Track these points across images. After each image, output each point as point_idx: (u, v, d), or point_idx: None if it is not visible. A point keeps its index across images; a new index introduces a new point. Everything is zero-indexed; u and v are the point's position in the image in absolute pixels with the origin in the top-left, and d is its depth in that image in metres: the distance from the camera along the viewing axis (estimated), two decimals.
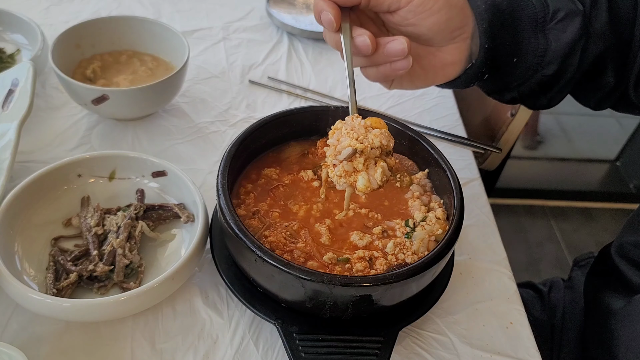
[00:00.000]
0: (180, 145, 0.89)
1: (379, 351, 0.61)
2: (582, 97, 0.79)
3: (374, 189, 0.64)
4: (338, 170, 0.64)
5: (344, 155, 0.63)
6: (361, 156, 0.63)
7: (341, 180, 0.64)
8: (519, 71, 0.71)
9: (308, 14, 1.20)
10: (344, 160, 0.63)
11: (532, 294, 0.93)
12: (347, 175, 0.64)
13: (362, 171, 0.64)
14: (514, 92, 0.75)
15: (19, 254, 0.66)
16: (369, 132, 0.64)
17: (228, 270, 0.67)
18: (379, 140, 0.63)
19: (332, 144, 0.64)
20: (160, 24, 0.96)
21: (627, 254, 0.77)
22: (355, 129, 0.64)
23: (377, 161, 0.64)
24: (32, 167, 0.80)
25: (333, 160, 0.64)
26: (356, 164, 0.63)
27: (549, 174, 2.35)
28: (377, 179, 0.64)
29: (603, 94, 0.75)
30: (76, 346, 0.63)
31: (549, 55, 0.69)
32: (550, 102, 0.77)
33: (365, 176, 0.63)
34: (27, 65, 0.80)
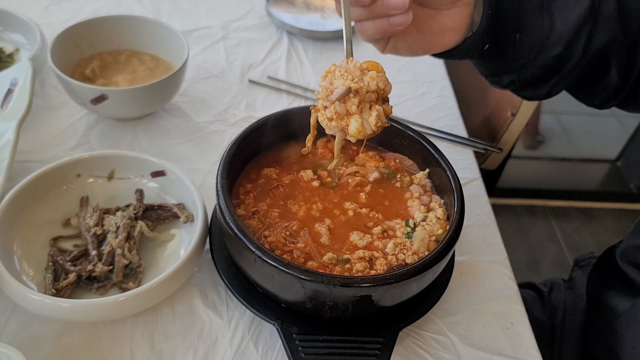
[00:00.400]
0: (180, 145, 0.89)
1: (379, 352, 0.61)
2: (585, 98, 0.78)
3: (368, 134, 0.59)
4: (329, 112, 0.59)
5: (337, 94, 0.57)
6: (356, 97, 0.58)
7: (332, 124, 0.59)
8: (522, 50, 0.68)
9: (308, 13, 1.20)
10: (337, 101, 0.58)
11: (532, 295, 0.92)
12: (339, 118, 0.59)
13: (355, 114, 0.58)
14: (514, 75, 0.72)
15: (17, 254, 0.66)
16: (365, 75, 0.59)
17: (227, 271, 0.66)
18: (375, 84, 0.59)
19: (324, 86, 0.60)
20: (160, 24, 0.96)
21: (633, 259, 0.76)
22: (350, 71, 0.59)
23: (372, 105, 0.59)
24: (31, 167, 0.80)
25: (324, 102, 0.59)
26: (349, 106, 0.58)
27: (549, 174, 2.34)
28: (372, 124, 0.59)
29: (607, 94, 0.74)
30: (75, 346, 0.62)
31: (554, 36, 0.66)
32: (551, 91, 0.74)
33: (359, 119, 0.58)
34: (26, 65, 0.79)
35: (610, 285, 0.79)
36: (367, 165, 0.75)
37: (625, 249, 0.79)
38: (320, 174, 0.73)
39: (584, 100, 0.78)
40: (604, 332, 0.76)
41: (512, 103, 1.06)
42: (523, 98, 0.81)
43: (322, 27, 1.16)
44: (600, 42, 0.67)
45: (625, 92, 0.73)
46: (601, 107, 0.78)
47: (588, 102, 0.78)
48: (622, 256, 0.79)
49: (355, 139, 0.59)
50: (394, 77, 1.09)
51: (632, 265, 0.76)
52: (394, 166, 0.75)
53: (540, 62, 0.68)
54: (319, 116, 0.60)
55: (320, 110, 0.60)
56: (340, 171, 0.74)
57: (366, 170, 0.74)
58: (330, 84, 0.59)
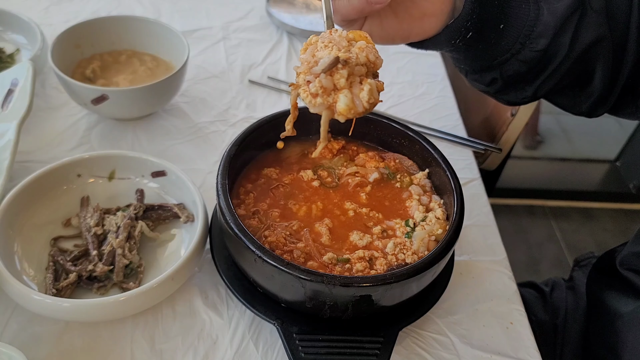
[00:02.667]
0: (180, 145, 0.89)
1: (379, 351, 0.61)
2: (572, 106, 0.74)
3: (359, 112, 0.52)
4: (313, 86, 0.50)
5: (324, 64, 0.49)
6: (344, 68, 0.50)
7: (317, 100, 0.51)
8: (505, 42, 0.64)
9: (308, 13, 1.20)
10: (323, 73, 0.50)
11: (533, 294, 0.92)
12: (325, 94, 0.51)
13: (344, 89, 0.50)
14: (496, 72, 0.68)
15: (18, 254, 0.66)
16: (353, 46, 0.52)
17: (228, 271, 0.66)
18: (364, 55, 0.51)
19: (305, 59, 0.52)
20: (160, 24, 0.96)
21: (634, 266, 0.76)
22: (335, 42, 0.51)
23: (363, 80, 0.51)
24: (31, 167, 0.80)
25: (307, 76, 0.51)
26: (337, 79, 0.50)
27: (549, 174, 2.34)
28: (363, 99, 0.51)
29: (594, 100, 0.71)
30: (76, 346, 0.63)
31: (539, 27, 0.63)
32: (536, 93, 0.70)
33: (349, 94, 0.50)
34: (26, 65, 0.79)
35: (611, 287, 0.79)
36: (367, 165, 0.75)
37: (626, 256, 0.78)
38: (320, 174, 0.73)
39: (570, 108, 0.75)
40: (605, 332, 0.76)
41: None
42: (505, 103, 0.76)
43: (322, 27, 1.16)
44: (587, 39, 0.64)
45: (613, 99, 0.71)
46: (590, 115, 0.75)
47: (575, 110, 0.75)
48: (622, 263, 0.78)
49: (344, 117, 0.52)
50: (393, 77, 1.10)
51: (632, 272, 0.76)
52: (393, 166, 0.76)
53: (524, 56, 0.65)
54: (301, 93, 0.52)
55: (302, 86, 0.52)
56: (340, 171, 0.74)
57: (366, 170, 0.74)
58: (312, 56, 0.52)
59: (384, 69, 0.56)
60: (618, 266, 0.78)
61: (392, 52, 1.12)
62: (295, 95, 0.54)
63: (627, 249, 0.78)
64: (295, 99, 0.55)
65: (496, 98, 0.76)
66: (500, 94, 0.73)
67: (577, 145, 2.45)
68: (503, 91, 0.72)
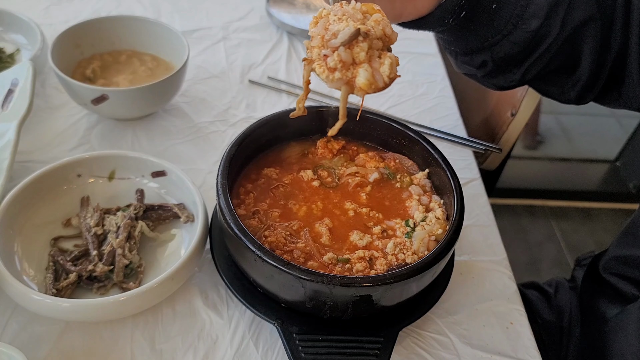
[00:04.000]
0: (180, 145, 0.89)
1: (379, 351, 0.61)
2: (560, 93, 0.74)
3: (379, 88, 0.49)
4: (332, 60, 0.48)
5: (344, 36, 0.46)
6: (365, 41, 0.48)
7: (334, 75, 0.48)
8: (498, 22, 0.64)
9: (308, 13, 1.20)
10: (342, 46, 0.47)
11: (537, 296, 0.91)
12: (344, 68, 0.48)
13: (364, 62, 0.48)
14: (487, 54, 0.67)
15: (18, 254, 0.66)
16: (367, 19, 0.50)
17: (228, 271, 0.66)
18: (381, 29, 0.49)
19: (317, 33, 0.49)
20: (160, 24, 0.96)
21: (616, 271, 0.77)
22: (349, 14, 0.49)
23: (382, 54, 0.49)
24: (31, 167, 0.80)
25: (323, 50, 0.49)
26: (357, 53, 0.48)
27: (549, 174, 2.34)
28: (385, 74, 0.48)
29: (582, 86, 0.70)
30: (76, 346, 0.63)
31: (531, 7, 0.62)
32: (524, 76, 0.70)
33: (369, 69, 0.48)
34: (26, 65, 0.80)
35: (598, 292, 0.79)
36: (367, 165, 0.75)
37: (608, 260, 0.78)
38: (320, 174, 0.73)
39: (559, 96, 0.75)
40: (595, 337, 0.76)
41: (511, 103, 1.06)
42: (493, 87, 0.76)
43: None
44: (576, 19, 0.64)
45: (600, 84, 0.71)
46: (578, 102, 0.74)
47: (563, 97, 0.75)
48: (605, 268, 0.78)
49: (363, 93, 0.49)
50: None
51: (616, 276, 0.76)
52: (393, 166, 0.76)
53: (515, 37, 0.65)
54: (316, 68, 0.49)
55: (317, 61, 0.49)
56: (340, 171, 0.74)
57: (366, 170, 0.74)
58: (325, 30, 0.49)
59: None
60: (601, 271, 0.78)
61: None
62: (309, 70, 0.52)
63: (609, 254, 0.78)
64: (308, 74, 0.52)
65: (483, 83, 0.75)
66: (489, 77, 0.72)
67: (577, 145, 2.46)
68: (492, 74, 0.71)
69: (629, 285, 0.74)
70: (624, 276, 0.75)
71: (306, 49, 0.52)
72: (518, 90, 1.04)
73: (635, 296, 0.72)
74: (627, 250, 0.75)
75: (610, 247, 0.79)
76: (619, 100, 0.72)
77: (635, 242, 0.74)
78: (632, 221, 0.76)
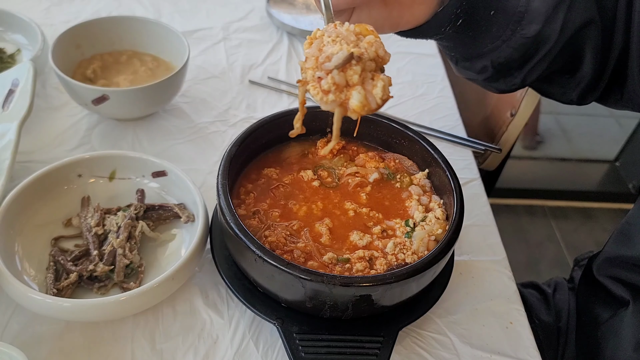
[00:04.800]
0: (180, 145, 0.89)
1: (378, 351, 0.61)
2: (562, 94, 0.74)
3: (372, 109, 0.51)
4: (326, 82, 0.49)
5: (338, 60, 0.48)
6: (358, 64, 0.49)
7: (328, 97, 0.49)
8: (496, 28, 0.64)
9: (308, 14, 1.20)
10: (335, 69, 0.48)
11: (536, 296, 0.91)
12: (338, 91, 0.49)
13: (357, 85, 0.49)
14: (487, 60, 0.67)
15: (19, 254, 0.66)
16: (361, 41, 0.51)
17: (228, 270, 0.67)
18: (374, 50, 0.50)
19: (312, 54, 0.51)
20: (161, 24, 0.96)
21: (609, 273, 0.77)
22: (343, 36, 0.50)
23: (374, 76, 0.51)
24: (32, 167, 0.80)
25: (317, 72, 0.50)
26: (350, 76, 0.49)
27: (548, 174, 2.35)
28: (378, 96, 0.50)
29: (584, 86, 0.70)
30: (76, 346, 0.63)
31: (530, 13, 0.62)
32: (525, 80, 0.70)
33: (362, 91, 0.49)
34: (27, 66, 0.80)
35: (593, 293, 0.79)
36: (367, 165, 0.75)
37: (601, 262, 0.78)
38: (320, 174, 0.73)
39: (560, 96, 0.75)
40: (589, 340, 0.76)
41: (511, 103, 1.07)
42: (494, 90, 0.76)
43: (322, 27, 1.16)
44: (576, 22, 0.64)
45: (602, 85, 0.70)
46: (580, 103, 0.74)
47: (565, 98, 0.74)
48: (598, 270, 0.78)
49: (357, 115, 0.51)
50: (393, 78, 1.09)
51: (609, 278, 0.76)
52: (393, 166, 0.76)
53: (515, 43, 0.64)
54: (311, 90, 0.51)
55: (311, 83, 0.51)
56: (340, 171, 0.74)
57: (366, 170, 0.74)
58: (319, 51, 0.50)
59: None
60: (595, 273, 0.78)
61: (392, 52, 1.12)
62: (303, 92, 0.53)
63: (602, 255, 0.78)
64: (303, 95, 0.54)
65: (485, 86, 0.75)
66: (490, 81, 0.72)
67: (576, 145, 2.46)
68: (493, 78, 0.71)
69: (621, 288, 0.74)
70: (616, 278, 0.75)
71: (300, 69, 0.52)
72: (518, 91, 1.05)
73: (626, 300, 0.72)
74: (619, 251, 0.75)
75: (603, 248, 0.79)
76: (621, 101, 0.72)
77: (628, 243, 0.74)
78: (626, 221, 0.76)
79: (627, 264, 0.74)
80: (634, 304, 0.71)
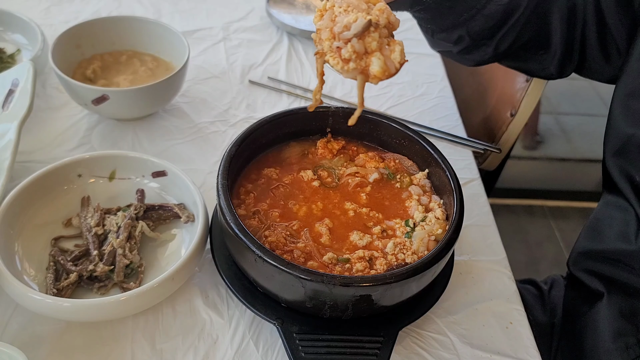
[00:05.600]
0: (180, 145, 0.89)
1: (378, 351, 0.61)
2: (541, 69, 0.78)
3: (391, 74, 0.52)
4: (346, 51, 0.50)
5: (356, 28, 0.49)
6: (376, 31, 0.50)
7: (349, 66, 0.51)
8: None
9: (308, 14, 1.20)
10: (355, 37, 0.49)
11: (533, 292, 0.92)
12: (358, 58, 0.51)
13: (375, 51, 0.51)
14: (463, 30, 0.71)
15: (19, 254, 0.66)
16: (371, 9, 0.52)
17: (228, 270, 0.67)
18: (385, 17, 0.51)
19: (325, 26, 0.51)
20: (161, 24, 0.96)
21: (584, 266, 0.77)
22: (354, 5, 0.51)
23: (390, 41, 0.52)
24: (32, 167, 0.80)
25: (334, 42, 0.51)
26: (369, 43, 0.50)
27: (548, 174, 2.34)
28: (396, 60, 0.51)
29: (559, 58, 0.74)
30: (76, 346, 0.63)
31: None
32: (497, 49, 0.73)
33: (381, 57, 0.51)
34: (27, 66, 0.80)
35: (575, 288, 0.80)
36: (367, 165, 0.75)
37: (575, 257, 0.79)
38: (320, 174, 0.73)
39: (540, 72, 0.79)
40: (573, 334, 0.77)
41: (511, 103, 1.07)
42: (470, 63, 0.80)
43: None
44: None
45: (576, 55, 0.74)
46: (560, 75, 0.78)
47: (545, 72, 0.79)
48: (574, 264, 0.79)
49: (378, 80, 0.52)
50: (393, 78, 1.09)
51: (584, 271, 0.77)
52: (393, 167, 0.76)
53: (489, 10, 0.69)
54: (330, 60, 0.52)
55: (329, 53, 0.52)
56: (340, 171, 0.74)
57: (366, 170, 0.74)
58: (332, 22, 0.51)
59: None
60: (571, 268, 0.79)
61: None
62: (322, 63, 0.54)
63: (575, 250, 0.80)
64: (322, 66, 0.54)
65: (459, 59, 0.79)
66: (465, 52, 0.75)
67: (576, 145, 2.46)
68: (467, 50, 0.74)
69: (595, 281, 0.75)
70: (590, 271, 0.76)
71: (314, 42, 0.53)
72: (518, 91, 1.05)
73: (601, 293, 0.73)
74: (590, 246, 0.77)
75: (575, 243, 0.80)
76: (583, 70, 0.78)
77: (598, 237, 0.76)
78: (594, 217, 0.78)
79: (597, 257, 0.75)
80: (608, 296, 0.72)
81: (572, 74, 0.83)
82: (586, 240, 0.78)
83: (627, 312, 0.69)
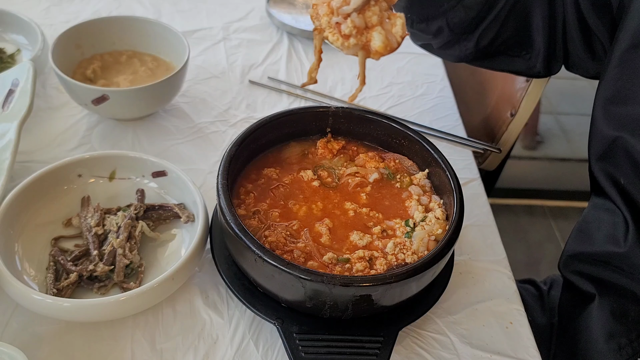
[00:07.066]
0: (181, 145, 0.89)
1: (378, 351, 0.61)
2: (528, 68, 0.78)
3: (393, 48, 0.51)
4: (346, 27, 0.49)
5: (357, 2, 0.48)
6: (376, 5, 0.49)
7: (350, 42, 0.50)
8: None
9: (308, 14, 1.20)
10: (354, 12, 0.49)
11: (532, 292, 0.92)
12: (359, 34, 0.50)
13: (376, 26, 0.50)
14: (442, 20, 0.70)
15: (19, 254, 0.66)
16: None
17: (228, 270, 0.67)
18: None
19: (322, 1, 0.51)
20: (161, 24, 0.96)
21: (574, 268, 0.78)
22: None
23: (390, 15, 0.51)
24: (32, 167, 0.80)
25: (333, 18, 0.50)
26: (368, 17, 0.50)
27: (548, 174, 2.34)
28: (398, 34, 0.51)
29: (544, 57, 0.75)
30: (76, 346, 0.63)
31: None
32: (478, 44, 0.73)
33: (382, 31, 0.50)
34: (27, 66, 0.80)
35: (568, 290, 0.81)
36: (367, 165, 0.75)
37: (565, 260, 0.79)
38: (320, 174, 0.73)
39: (528, 71, 0.80)
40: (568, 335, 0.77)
41: (511, 103, 1.07)
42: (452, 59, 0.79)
43: None
44: None
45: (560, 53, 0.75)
46: (548, 73, 0.79)
47: (532, 71, 0.79)
48: (564, 267, 0.79)
49: (379, 56, 0.52)
50: (393, 78, 1.10)
51: (574, 273, 0.77)
52: (393, 167, 0.76)
53: (469, 2, 0.68)
54: (329, 36, 0.51)
55: (328, 29, 0.51)
56: (340, 171, 0.74)
57: (366, 170, 0.74)
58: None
59: (383, 70, 0.55)
60: (562, 270, 0.79)
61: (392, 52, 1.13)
62: (321, 39, 0.52)
63: (565, 252, 0.80)
64: (320, 43, 0.53)
65: (441, 54, 0.79)
66: (445, 47, 0.75)
67: (576, 145, 2.45)
68: (448, 44, 0.73)
69: (586, 283, 0.75)
70: (581, 273, 0.76)
71: (311, 17, 0.52)
72: (518, 91, 1.05)
73: (592, 294, 0.73)
74: (580, 248, 0.77)
75: (565, 245, 0.80)
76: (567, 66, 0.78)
77: (587, 240, 0.76)
78: (583, 220, 0.78)
79: (587, 259, 0.75)
80: (599, 297, 0.72)
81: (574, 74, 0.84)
82: (575, 243, 0.78)
83: (618, 313, 0.70)
